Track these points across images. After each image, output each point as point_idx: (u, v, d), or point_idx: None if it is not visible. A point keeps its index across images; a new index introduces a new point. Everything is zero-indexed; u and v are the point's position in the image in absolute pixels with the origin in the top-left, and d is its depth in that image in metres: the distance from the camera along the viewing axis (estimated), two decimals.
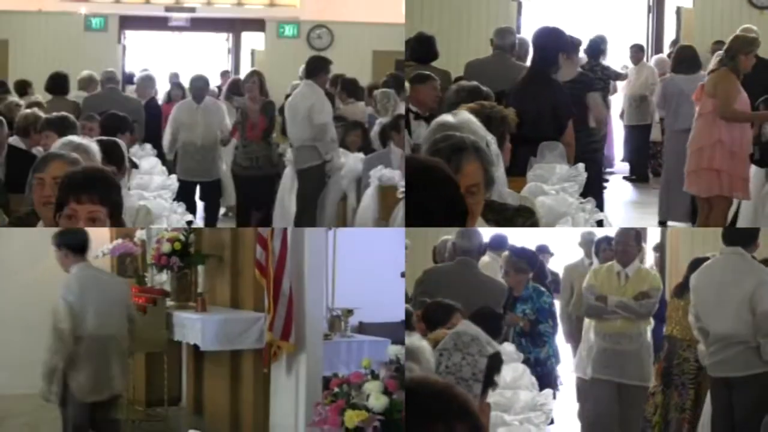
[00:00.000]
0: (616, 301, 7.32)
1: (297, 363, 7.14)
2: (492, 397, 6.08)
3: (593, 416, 7.48)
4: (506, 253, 8.04)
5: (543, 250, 10.01)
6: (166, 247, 8.33)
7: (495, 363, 3.91)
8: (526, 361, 6.48)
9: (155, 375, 8.60)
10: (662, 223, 10.30)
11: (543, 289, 8.33)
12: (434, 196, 3.07)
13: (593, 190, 7.74)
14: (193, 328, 7.77)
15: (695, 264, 7.06)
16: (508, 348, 6.59)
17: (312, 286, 7.20)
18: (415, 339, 3.69)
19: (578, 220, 5.50)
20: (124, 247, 9.21)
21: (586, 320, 7.64)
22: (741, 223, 8.11)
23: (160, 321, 7.99)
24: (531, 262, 8.13)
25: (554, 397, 6.57)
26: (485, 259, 7.67)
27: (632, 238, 7.65)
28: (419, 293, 6.73)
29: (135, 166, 7.56)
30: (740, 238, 6.62)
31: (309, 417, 6.43)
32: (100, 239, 9.60)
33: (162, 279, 8.89)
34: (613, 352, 7.35)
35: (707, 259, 6.88)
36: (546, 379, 7.38)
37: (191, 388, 8.85)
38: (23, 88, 11.75)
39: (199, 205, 10.81)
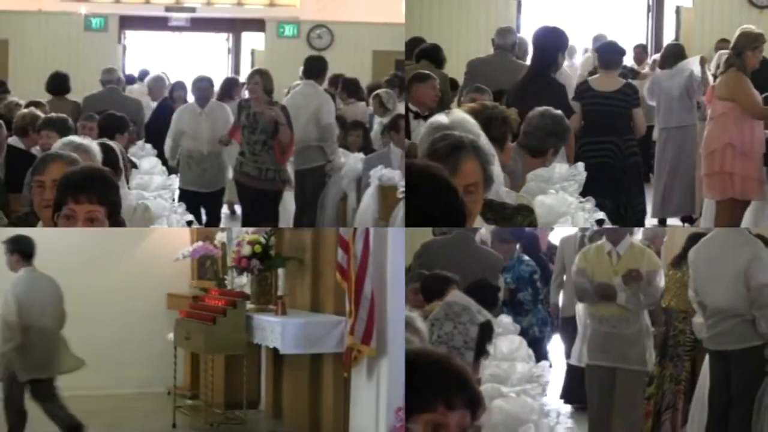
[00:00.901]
0: (624, 299, 6.96)
1: (378, 367, 6.98)
2: (489, 368, 6.11)
3: (591, 405, 7.27)
4: None
5: None
6: (246, 250, 8.27)
7: (486, 331, 3.92)
8: None
9: (234, 378, 8.56)
10: (662, 222, 10.28)
11: (525, 257, 8.29)
12: (434, 202, 3.04)
13: (639, 188, 7.89)
14: (273, 331, 7.73)
15: (693, 238, 7.08)
16: (504, 320, 6.59)
17: (394, 289, 7.00)
18: (406, 311, 3.72)
19: (578, 219, 5.49)
20: (205, 249, 9.17)
21: (579, 304, 7.40)
22: (741, 224, 8.09)
23: (240, 324, 7.98)
24: (514, 232, 8.06)
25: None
26: (481, 231, 7.62)
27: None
28: (417, 266, 6.71)
29: (135, 166, 7.55)
30: None
31: (390, 422, 6.38)
32: (181, 242, 9.60)
33: (242, 282, 8.89)
34: (611, 337, 7.06)
35: (705, 233, 6.91)
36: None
37: (270, 392, 8.85)
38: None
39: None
